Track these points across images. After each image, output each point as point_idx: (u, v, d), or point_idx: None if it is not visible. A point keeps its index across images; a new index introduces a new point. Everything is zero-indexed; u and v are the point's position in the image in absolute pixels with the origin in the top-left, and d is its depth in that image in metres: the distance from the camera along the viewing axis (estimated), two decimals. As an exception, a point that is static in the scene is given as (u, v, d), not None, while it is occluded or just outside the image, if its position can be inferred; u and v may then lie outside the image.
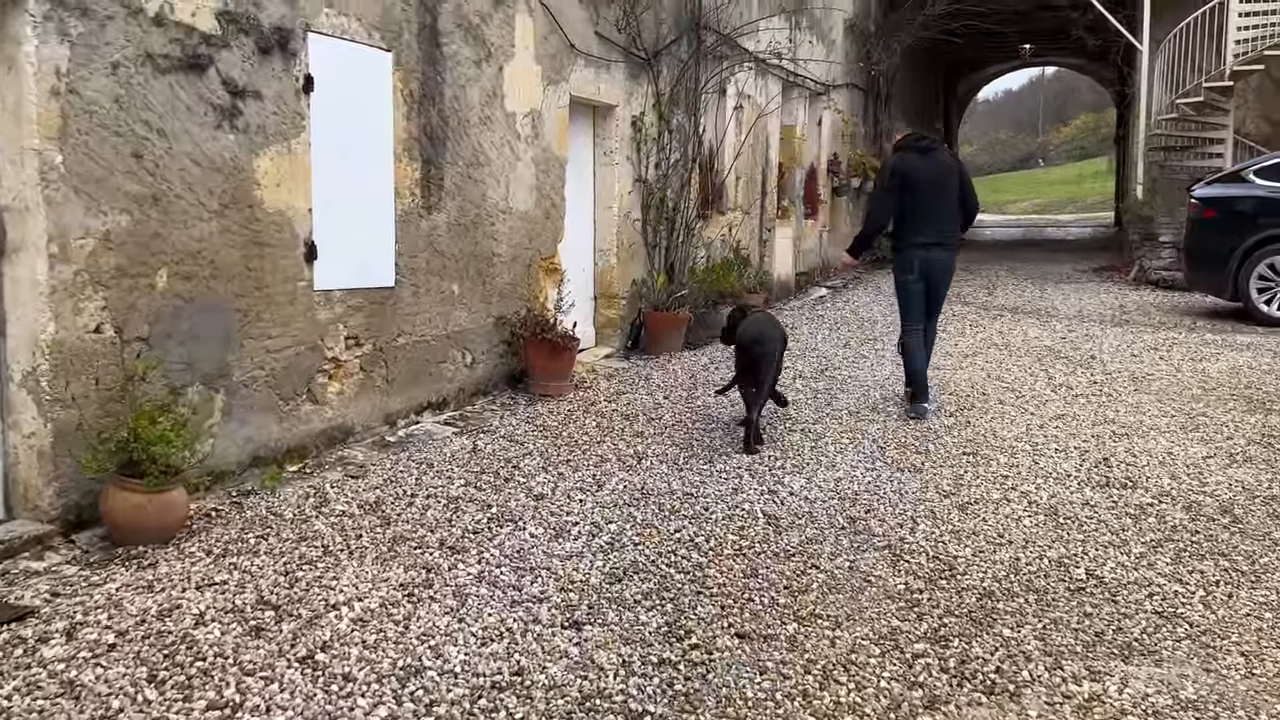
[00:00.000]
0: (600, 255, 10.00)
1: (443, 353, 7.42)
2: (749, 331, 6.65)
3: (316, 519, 5.06)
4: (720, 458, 6.18)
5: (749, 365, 6.55)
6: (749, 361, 6.55)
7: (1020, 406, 7.56)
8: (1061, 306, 13.47)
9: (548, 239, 8.67)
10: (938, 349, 9.35)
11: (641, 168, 10.24)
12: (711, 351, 10.11)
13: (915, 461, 6.10)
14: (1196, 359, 9.38)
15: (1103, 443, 6.49)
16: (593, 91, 9.35)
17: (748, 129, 12.82)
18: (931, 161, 7.52)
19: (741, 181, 13.00)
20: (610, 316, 10.04)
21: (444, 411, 7.38)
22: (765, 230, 13.98)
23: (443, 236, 7.35)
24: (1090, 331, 11.15)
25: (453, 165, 7.41)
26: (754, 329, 6.68)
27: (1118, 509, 5.22)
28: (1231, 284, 11.63)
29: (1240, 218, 11.68)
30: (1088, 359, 9.49)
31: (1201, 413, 7.29)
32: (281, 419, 6.02)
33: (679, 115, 10.89)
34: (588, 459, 6.16)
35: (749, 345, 6.56)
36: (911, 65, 22.77)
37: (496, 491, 5.50)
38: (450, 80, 7.34)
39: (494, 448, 6.43)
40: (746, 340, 6.59)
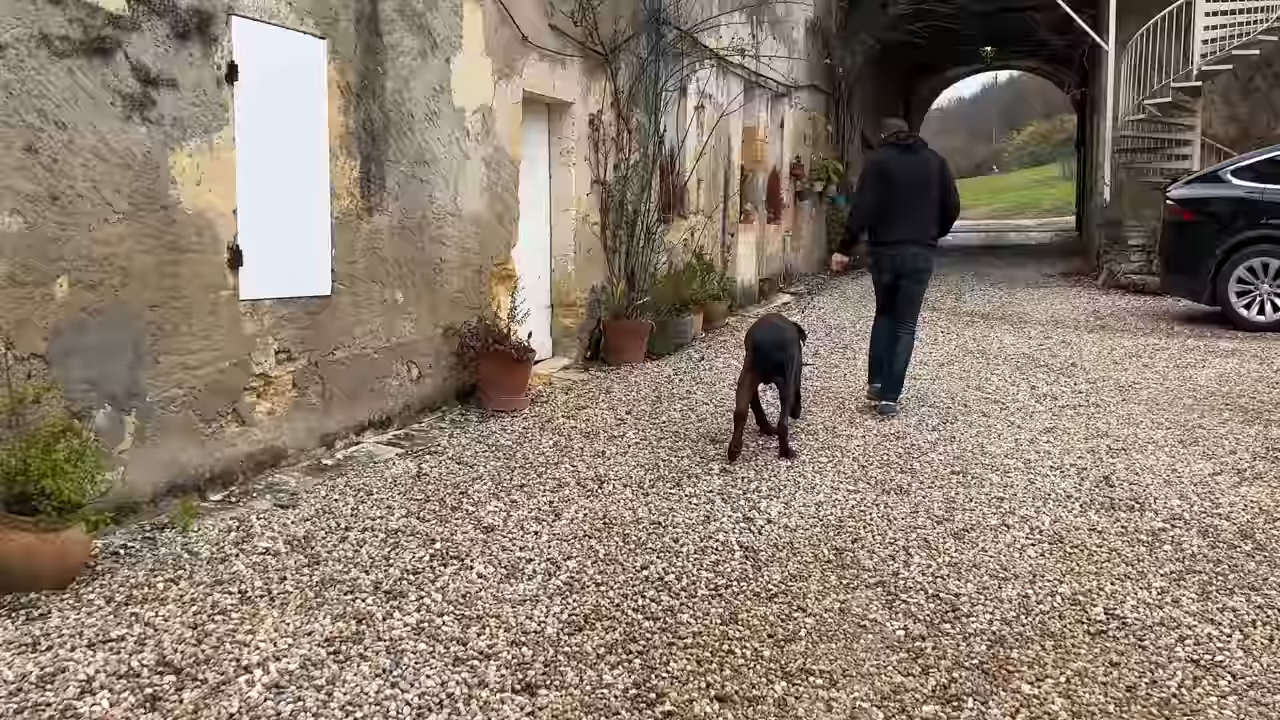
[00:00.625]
0: (557, 261, 9.45)
1: (386, 367, 6.84)
2: (769, 336, 6.45)
3: (237, 558, 4.47)
4: (689, 480, 5.65)
5: (772, 368, 6.33)
6: (772, 364, 6.32)
7: (1005, 419, 7.09)
8: (1033, 312, 13.08)
9: (500, 243, 8.12)
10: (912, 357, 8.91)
11: (600, 169, 9.71)
12: (675, 362, 9.58)
13: (901, 482, 5.60)
14: (1182, 366, 8.97)
15: (1100, 459, 6.03)
16: (547, 87, 8.81)
17: (709, 130, 12.32)
18: (912, 158, 7.33)
19: (703, 184, 12.50)
20: (568, 325, 9.50)
21: (387, 430, 6.80)
22: (728, 235, 13.49)
23: (385, 241, 6.78)
24: (1067, 338, 10.74)
25: (395, 164, 6.84)
26: (772, 333, 6.50)
27: (1128, 535, 4.74)
28: (1210, 288, 11.26)
29: (1218, 220, 11.32)
30: (1069, 367, 9.06)
31: (1197, 424, 6.86)
32: (203, 443, 5.43)
33: (639, 114, 10.37)
34: (544, 483, 5.60)
35: (770, 351, 6.32)
36: (873, 68, 22.41)
37: (442, 523, 4.93)
38: (392, 72, 6.78)
39: (441, 471, 5.86)
40: (767, 346, 6.35)
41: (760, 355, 6.34)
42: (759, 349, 6.37)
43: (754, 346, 6.41)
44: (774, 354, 6.32)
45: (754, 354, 6.39)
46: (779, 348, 6.35)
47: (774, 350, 6.33)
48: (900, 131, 7.61)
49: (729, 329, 11.90)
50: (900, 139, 7.49)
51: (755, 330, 6.62)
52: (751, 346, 6.44)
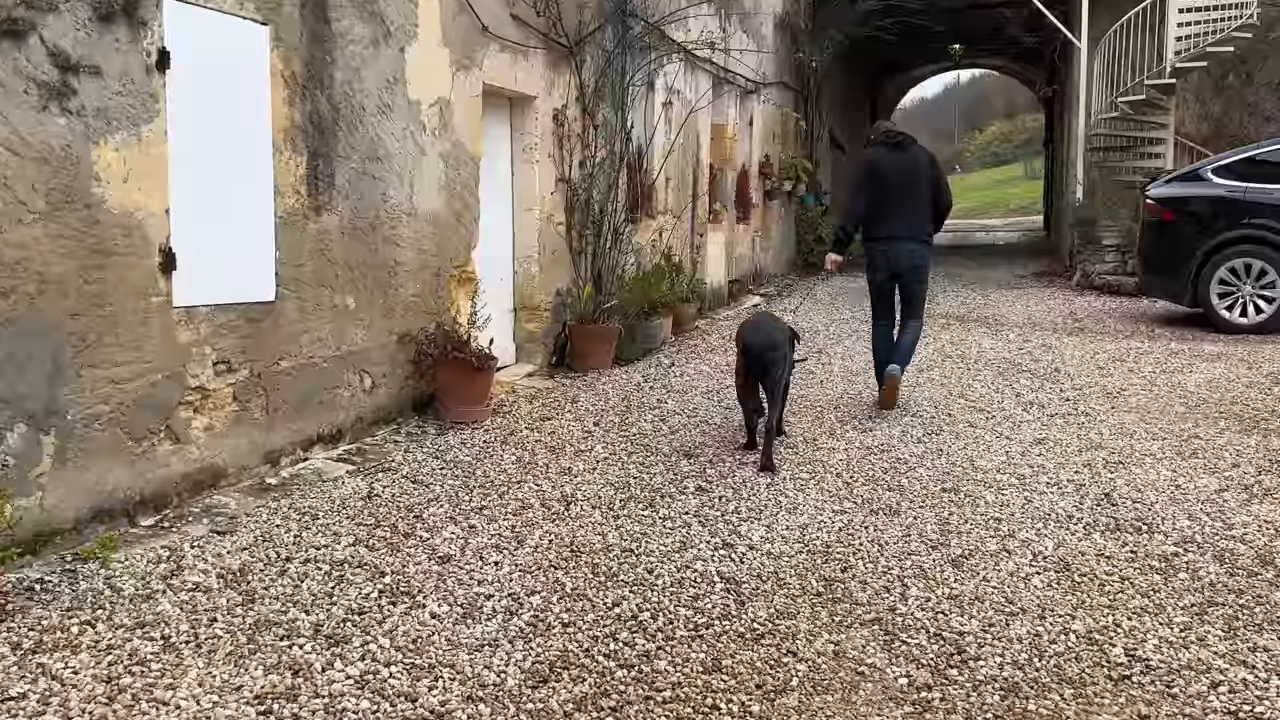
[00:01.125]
0: (520, 263, 9.02)
1: (336, 377, 6.39)
2: (759, 336, 6.31)
3: (164, 594, 4.02)
4: (663, 500, 5.24)
5: (762, 371, 6.19)
6: (762, 367, 6.18)
7: (993, 429, 6.74)
8: (1009, 314, 12.77)
9: (459, 244, 7.68)
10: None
11: (565, 166, 9.29)
12: (645, 368, 9.17)
13: (890, 501, 5.22)
14: (1169, 371, 8.66)
15: (1097, 474, 5.68)
16: (509, 80, 8.38)
17: (678, 127, 11.93)
18: (902, 157, 7.35)
19: (672, 183, 12.10)
20: (532, 330, 9.07)
21: (338, 445, 6.35)
22: (697, 235, 13.10)
23: (334, 242, 6.33)
24: (1047, 341, 10.42)
25: (346, 159, 6.39)
26: (762, 333, 6.36)
27: (1139, 561, 4.38)
28: (1191, 290, 10.97)
29: (1199, 219, 11.04)
30: (1052, 372, 8.73)
31: (1193, 434, 6.53)
32: (133, 463, 4.96)
33: (605, 110, 9.95)
34: (506, 505, 5.17)
35: (761, 351, 6.18)
36: (840, 65, 22.10)
37: (392, 552, 4.50)
38: (342, 61, 6.33)
39: (394, 491, 5.42)
40: (759, 346, 6.21)
41: (750, 357, 6.22)
42: (749, 350, 6.23)
43: (744, 348, 6.28)
44: (764, 355, 6.19)
45: (744, 355, 6.28)
46: (770, 348, 6.23)
47: (764, 351, 6.20)
48: (890, 130, 7.60)
49: (699, 333, 11.51)
50: (890, 138, 7.47)
51: (745, 330, 6.48)
52: (742, 347, 6.32)
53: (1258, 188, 10.70)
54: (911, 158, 7.38)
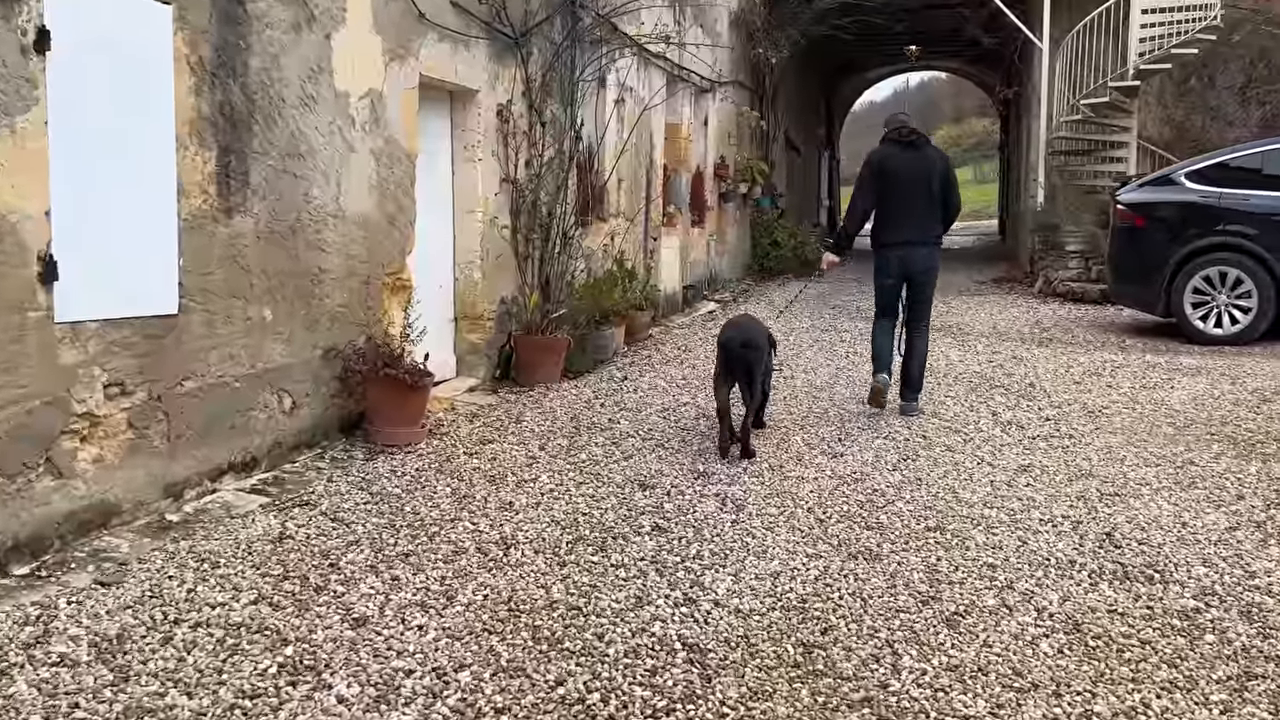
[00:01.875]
0: (462, 269, 8.39)
1: (251, 397, 5.73)
2: (739, 335, 6.33)
3: (21, 671, 3.37)
4: (616, 543, 4.64)
5: (743, 370, 6.22)
6: (744, 367, 6.21)
7: (973, 454, 6.21)
8: (973, 323, 12.32)
9: (393, 249, 7.04)
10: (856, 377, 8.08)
11: (510, 165, 8.67)
12: (596, 382, 8.57)
13: (869, 542, 4.66)
14: (1149, 386, 8.20)
15: (1093, 508, 5.15)
16: (449, 72, 7.75)
17: (631, 126, 11.35)
18: (913, 156, 7.16)
19: (624, 185, 11.51)
20: (474, 342, 8.44)
21: (252, 474, 5.70)
22: (651, 239, 12.52)
23: (249, 247, 5.67)
24: (1016, 353, 9.95)
25: (263, 156, 5.74)
26: (742, 332, 6.38)
27: (1157, 619, 3.84)
28: (1163, 299, 10.55)
29: (1172, 226, 10.63)
30: (1027, 388, 8.24)
31: (1188, 460, 6.04)
32: (5, 503, 4.29)
33: (553, 106, 9.35)
34: (436, 549, 4.55)
35: (739, 350, 6.21)
36: (795, 65, 21.64)
37: (300, 612, 3.86)
38: (258, 47, 5.68)
39: (309, 532, 4.78)
40: (737, 344, 6.24)
41: (731, 357, 6.21)
42: (729, 351, 6.23)
43: (723, 348, 6.28)
44: (744, 354, 6.19)
45: (724, 356, 6.26)
46: (749, 348, 6.23)
47: (744, 351, 6.20)
48: (902, 128, 7.30)
49: (653, 342, 10.94)
50: (902, 135, 7.23)
51: (727, 330, 6.47)
52: (721, 348, 6.31)
53: (1233, 193, 10.31)
54: (923, 157, 7.18)
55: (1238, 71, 16.13)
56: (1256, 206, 10.18)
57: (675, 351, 10.24)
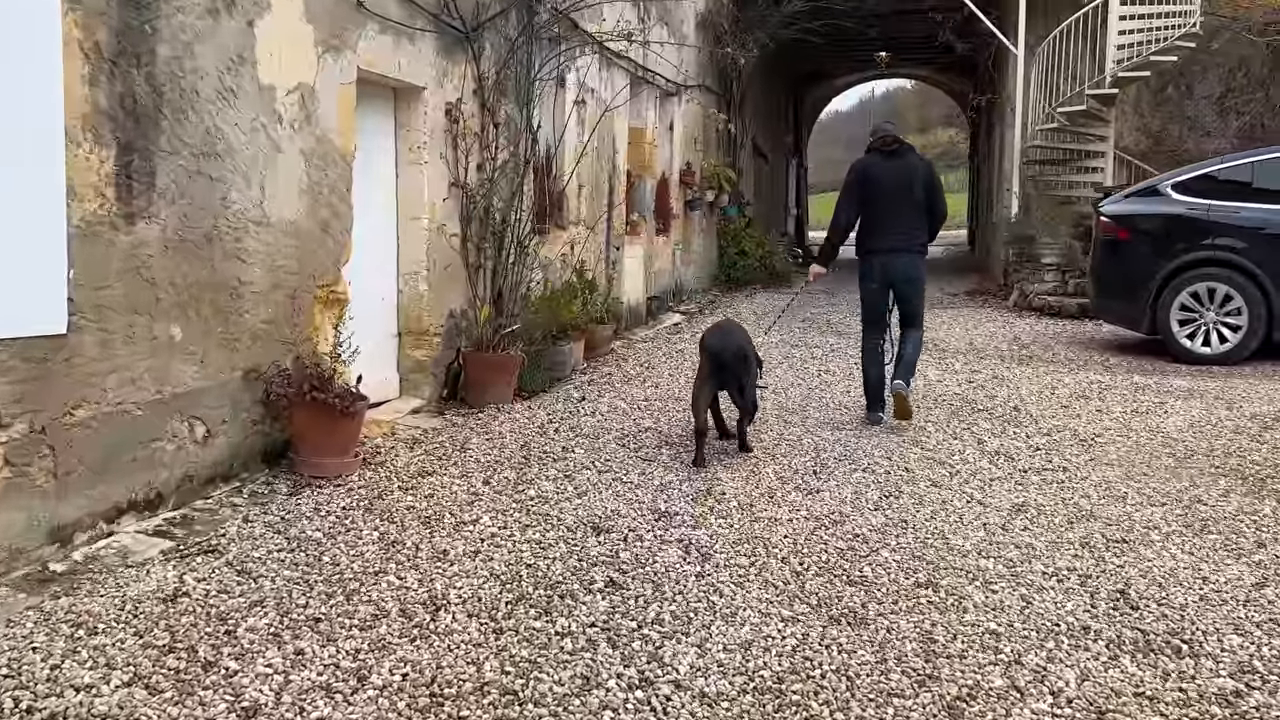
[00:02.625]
0: (406, 280, 7.76)
1: (155, 426, 5.08)
2: (726, 341, 6.24)
3: None
4: (563, 603, 4.03)
5: (728, 379, 6.19)
6: (729, 376, 6.17)
7: (960, 490, 5.65)
8: (949, 338, 11.80)
9: (326, 259, 6.41)
10: (831, 397, 7.53)
11: (460, 169, 8.05)
12: (551, 403, 7.96)
13: (853, 602, 4.07)
14: (1141, 411, 7.68)
15: (1101, 558, 4.59)
16: (391, 67, 7.13)
17: (592, 129, 10.76)
18: (895, 164, 7.20)
19: (585, 191, 10.92)
20: (420, 359, 7.80)
21: (158, 512, 5.05)
22: (613, 249, 11.93)
23: (155, 258, 5.03)
24: (997, 372, 9.43)
25: (172, 155, 5.10)
26: (730, 339, 6.27)
27: (1193, 704, 3.27)
28: (1148, 316, 10.06)
29: (1157, 239, 10.15)
30: (1012, 412, 7.70)
31: (1196, 497, 5.51)
32: None
33: (508, 106, 8.74)
34: (353, 611, 3.92)
35: (729, 359, 6.12)
36: (762, 72, 21.14)
37: (180, 698, 3.22)
38: (167, 33, 5.05)
39: (211, 586, 4.14)
40: (727, 353, 6.14)
41: (717, 364, 6.11)
42: (716, 357, 6.12)
43: (710, 354, 6.17)
44: (732, 362, 6.10)
45: (711, 362, 6.15)
46: (738, 356, 6.12)
47: (732, 358, 6.10)
48: (886, 137, 7.35)
49: (614, 358, 10.34)
50: (885, 145, 7.28)
51: (710, 337, 6.35)
52: (707, 354, 6.20)
53: (1223, 205, 9.84)
54: (907, 165, 7.22)
55: (1216, 81, 15.76)
56: (1247, 220, 9.71)
57: (637, 368, 9.65)
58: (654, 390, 8.51)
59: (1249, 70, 15.42)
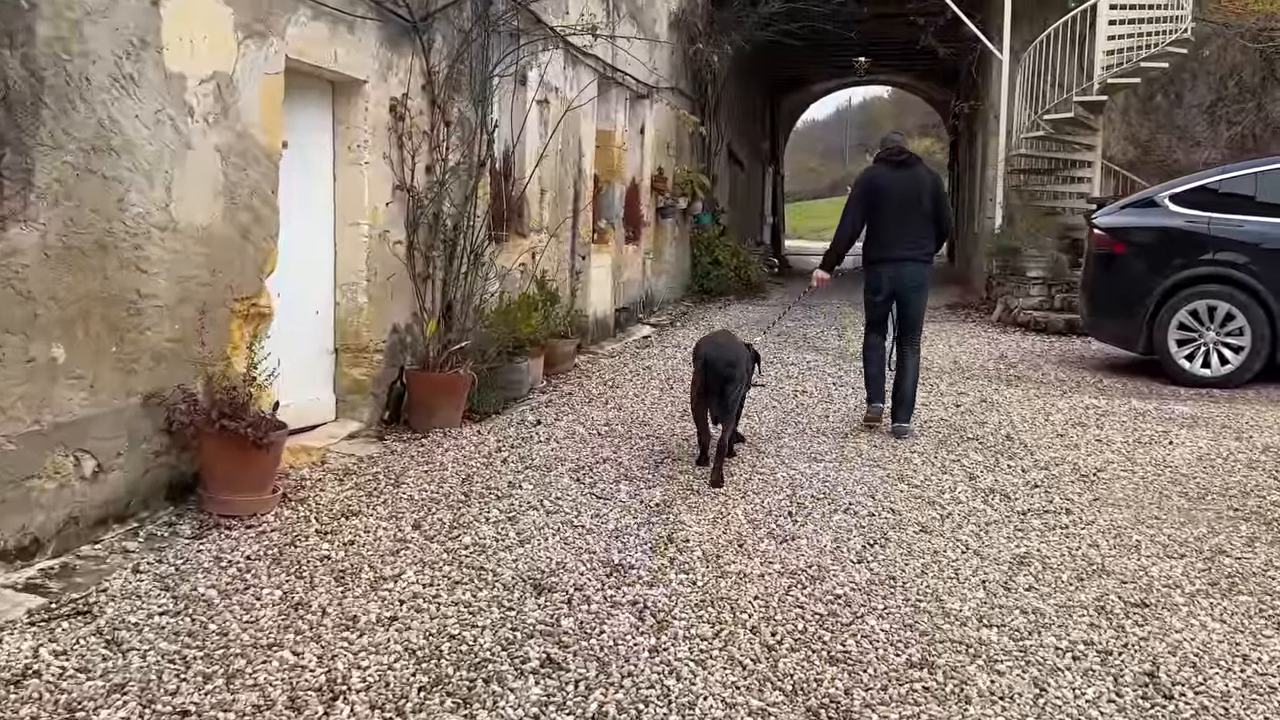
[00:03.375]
0: (344, 291, 7.09)
1: (32, 461, 4.40)
2: (720, 351, 6.21)
3: None
4: (488, 687, 3.35)
5: (721, 387, 6.10)
6: (722, 384, 6.09)
7: (953, 537, 5.02)
8: (931, 356, 11.19)
9: (246, 269, 5.74)
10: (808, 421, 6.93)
11: (406, 171, 7.39)
12: (503, 427, 7.30)
13: (835, 686, 3.43)
14: (1144, 442, 7.09)
15: (1121, 629, 3.97)
16: (327, 57, 6.46)
17: (554, 128, 10.11)
18: (904, 175, 7.27)
19: (548, 196, 10.26)
20: (358, 378, 7.13)
21: (33, 560, 4.37)
22: (578, 258, 11.27)
23: (32, 267, 4.35)
24: (985, 394, 8.83)
25: (55, 150, 4.43)
26: (724, 350, 6.24)
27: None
28: (1144, 335, 9.49)
29: (1155, 254, 9.58)
30: (1004, 441, 7.10)
31: (1217, 547, 4.91)
32: None
33: (461, 104, 8.08)
34: (231, 701, 3.24)
35: (724, 367, 6.08)
36: (738, 77, 20.56)
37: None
38: (49, 10, 4.38)
39: (70, 663, 3.46)
40: (723, 363, 6.10)
41: (712, 373, 6.08)
42: (710, 366, 6.10)
43: (704, 363, 6.14)
44: (724, 371, 6.07)
45: (704, 371, 6.13)
46: (730, 365, 6.09)
47: (725, 368, 6.08)
48: (895, 147, 7.46)
49: (577, 375, 9.68)
50: (893, 155, 7.35)
51: (705, 346, 6.34)
52: (701, 363, 6.18)
53: (1225, 219, 9.28)
54: (915, 176, 7.29)
55: (1206, 89, 15.27)
56: (1251, 234, 9.16)
57: (601, 387, 8.99)
58: (616, 414, 7.86)
59: (1240, 79, 14.94)
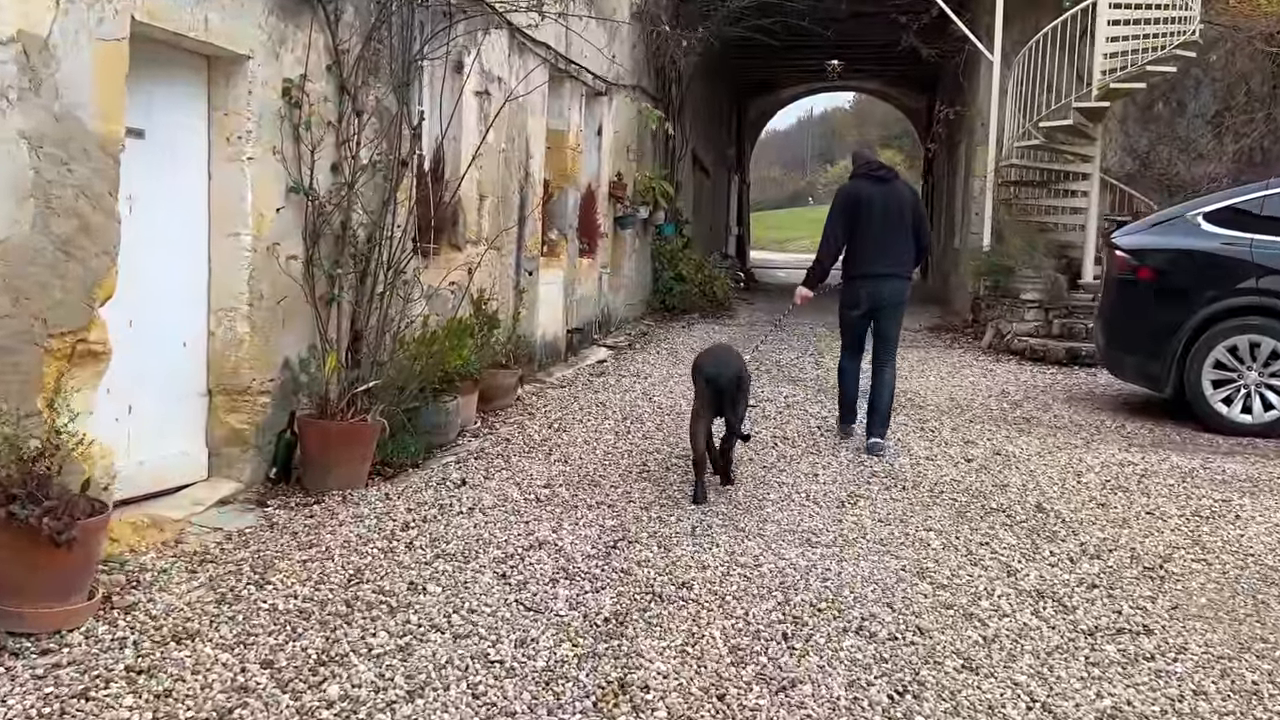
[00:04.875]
0: (220, 318, 5.68)
1: None
2: (723, 369, 5.96)
3: None
4: None
5: (731, 403, 5.85)
6: (726, 401, 5.84)
7: (1010, 679, 3.68)
8: (923, 390, 9.94)
9: (70, 294, 4.34)
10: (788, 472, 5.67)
11: (304, 169, 6.00)
12: (419, 487, 5.91)
13: None
14: (1205, 515, 5.81)
15: None
16: (193, 24, 5.07)
17: (500, 127, 8.74)
18: (885, 190, 7.21)
19: (488, 203, 8.88)
20: (236, 427, 5.72)
21: None
22: (524, 273, 9.89)
23: None
24: (997, 445, 7.52)
25: None
26: (727, 366, 5.99)
27: None
28: (1173, 374, 8.22)
29: (1188, 280, 8.34)
30: (1035, 514, 5.79)
31: (1362, 689, 3.62)
32: None
33: (379, 90, 6.70)
34: None
35: (729, 384, 5.85)
36: (705, 76, 19.26)
37: None
38: None
39: None
40: (726, 378, 5.88)
41: (715, 390, 5.86)
42: (714, 383, 5.88)
43: (707, 380, 5.93)
44: (729, 388, 5.85)
45: (708, 389, 5.91)
46: (735, 381, 5.90)
47: (729, 384, 5.86)
48: (873, 162, 7.46)
49: (520, 410, 8.31)
50: (873, 170, 7.33)
51: (705, 363, 6.10)
52: (705, 381, 5.95)
53: (1271, 241, 8.05)
54: (895, 191, 7.23)
55: (1211, 98, 14.15)
56: (1302, 259, 7.96)
57: (545, 430, 7.61)
58: (561, 469, 6.48)
59: (1249, 87, 13.80)
